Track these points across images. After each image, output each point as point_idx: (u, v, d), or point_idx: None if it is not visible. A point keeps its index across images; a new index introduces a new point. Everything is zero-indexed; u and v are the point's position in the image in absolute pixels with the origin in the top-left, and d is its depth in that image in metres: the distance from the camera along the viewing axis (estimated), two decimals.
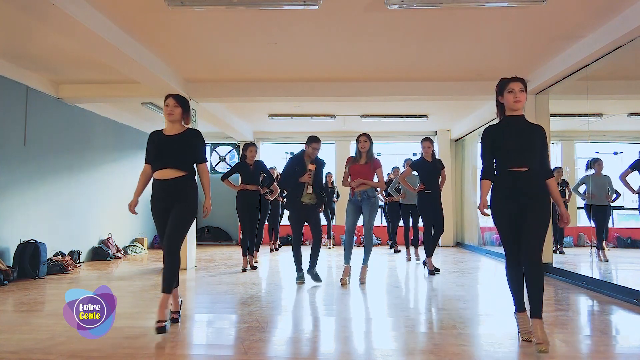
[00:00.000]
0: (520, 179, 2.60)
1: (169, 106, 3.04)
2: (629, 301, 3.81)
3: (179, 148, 3.01)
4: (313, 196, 4.76)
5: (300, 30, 4.35)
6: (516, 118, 2.70)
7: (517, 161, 2.61)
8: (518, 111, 2.68)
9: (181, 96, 3.13)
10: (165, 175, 2.97)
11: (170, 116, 3.04)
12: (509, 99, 2.66)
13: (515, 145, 2.62)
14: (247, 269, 5.55)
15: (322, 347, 2.66)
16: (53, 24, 3.66)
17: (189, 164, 3.06)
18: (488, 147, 2.73)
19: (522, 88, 2.65)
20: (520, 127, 2.67)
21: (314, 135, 4.79)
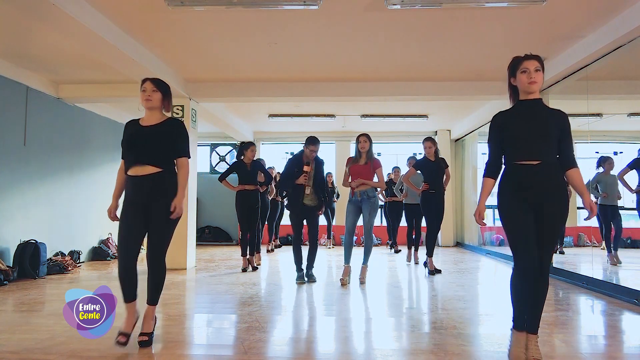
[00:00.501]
0: (530, 174, 2.22)
1: (147, 91, 2.65)
2: (629, 301, 3.81)
3: (155, 140, 2.59)
4: (313, 197, 4.77)
5: (300, 30, 4.35)
6: (532, 102, 2.29)
7: (527, 152, 2.23)
8: (534, 94, 2.28)
9: (161, 80, 2.75)
10: (139, 171, 2.56)
11: (147, 102, 2.64)
12: (522, 80, 2.27)
13: (525, 133, 2.24)
14: (247, 269, 5.54)
15: (322, 347, 2.66)
16: (53, 24, 3.66)
17: (167, 159, 2.64)
18: (495, 137, 2.34)
19: (538, 67, 2.25)
20: (535, 113, 2.27)
21: (313, 137, 4.80)
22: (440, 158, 5.61)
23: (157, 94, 2.66)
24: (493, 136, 2.36)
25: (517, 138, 2.26)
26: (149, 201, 2.56)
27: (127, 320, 2.54)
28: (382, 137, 9.70)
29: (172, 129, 2.66)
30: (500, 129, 2.32)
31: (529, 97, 2.30)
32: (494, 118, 2.38)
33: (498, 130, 2.33)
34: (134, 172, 2.57)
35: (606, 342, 2.86)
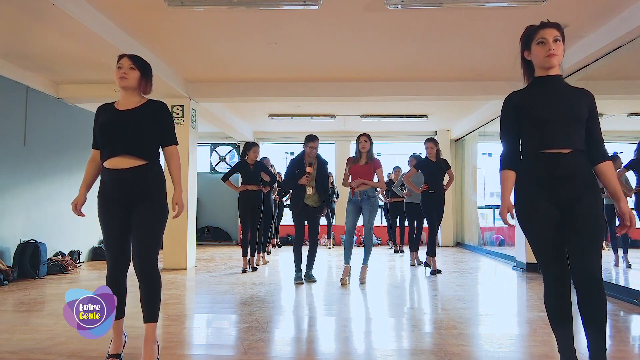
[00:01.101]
0: (560, 165, 1.81)
1: (123, 67, 2.27)
2: (629, 301, 3.81)
3: (135, 127, 2.21)
4: (316, 198, 4.79)
5: (300, 30, 4.35)
6: (551, 79, 1.91)
7: (555, 139, 1.82)
8: (553, 69, 1.90)
9: (140, 57, 2.37)
10: (117, 164, 2.19)
11: (122, 80, 2.25)
12: (539, 53, 1.88)
13: (551, 115, 1.83)
14: (247, 270, 5.54)
15: (322, 347, 2.66)
16: (53, 24, 3.66)
17: (151, 148, 2.27)
18: (510, 121, 1.94)
19: (558, 36, 1.87)
20: (558, 91, 1.89)
21: (310, 134, 4.82)
22: (442, 159, 5.61)
23: (134, 72, 2.29)
24: (508, 120, 1.96)
25: (543, 121, 1.84)
26: (131, 200, 2.22)
27: (115, 341, 2.30)
28: (382, 137, 9.70)
29: (155, 112, 2.29)
30: (517, 111, 1.91)
31: (548, 74, 1.91)
32: (507, 99, 1.98)
33: (515, 112, 1.93)
34: (112, 165, 2.20)
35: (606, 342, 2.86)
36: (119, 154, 2.19)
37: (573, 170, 1.82)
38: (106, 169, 2.23)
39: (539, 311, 3.54)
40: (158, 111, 2.31)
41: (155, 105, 2.32)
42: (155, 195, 2.26)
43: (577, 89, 1.93)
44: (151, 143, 2.27)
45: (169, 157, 2.37)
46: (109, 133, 2.22)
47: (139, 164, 2.22)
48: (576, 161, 1.82)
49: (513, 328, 3.18)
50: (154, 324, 2.26)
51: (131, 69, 2.28)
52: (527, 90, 1.96)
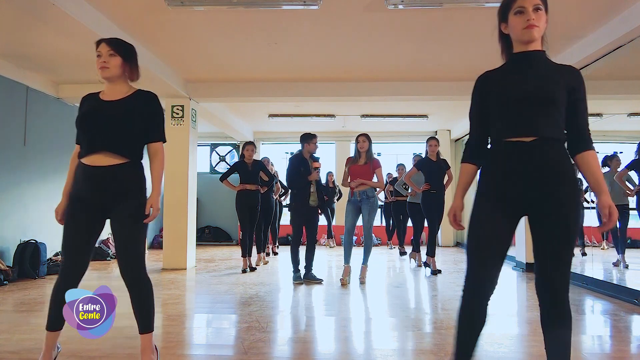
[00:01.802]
0: (521, 157, 1.53)
1: (102, 55, 2.02)
2: (629, 301, 3.81)
3: (119, 120, 1.99)
4: (315, 197, 4.81)
5: (300, 30, 4.35)
6: (530, 55, 1.61)
7: (518, 124, 1.55)
8: (533, 44, 1.60)
9: (120, 40, 2.11)
10: (96, 161, 1.97)
11: (103, 71, 2.02)
12: (516, 24, 1.60)
13: (517, 96, 1.55)
14: (247, 270, 5.54)
15: (322, 347, 2.66)
16: (53, 24, 3.66)
17: (136, 145, 2.05)
18: (477, 105, 1.69)
19: (539, 5, 1.57)
20: (535, 68, 1.59)
21: (307, 133, 4.85)
22: (442, 159, 5.62)
23: (115, 58, 2.04)
24: (475, 103, 1.70)
25: (505, 103, 1.57)
26: (108, 202, 1.99)
27: (45, 354, 2.04)
28: (382, 137, 9.70)
29: (143, 104, 2.06)
30: (486, 92, 1.65)
31: (527, 49, 1.61)
32: (478, 78, 1.73)
33: (482, 94, 1.66)
34: (90, 161, 1.98)
35: (606, 342, 2.86)
36: (99, 150, 1.97)
37: (537, 163, 1.52)
38: (83, 165, 2.00)
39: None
40: (148, 103, 2.09)
41: (145, 96, 2.10)
42: (135, 197, 2.02)
43: (561, 66, 1.63)
44: (137, 139, 2.05)
45: (153, 154, 2.12)
46: (90, 125, 2.00)
47: (120, 162, 1.99)
48: (542, 151, 1.52)
49: (513, 328, 3.18)
50: (150, 333, 2.08)
51: (111, 55, 2.03)
52: (501, 68, 1.68)
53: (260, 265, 6.16)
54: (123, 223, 2.00)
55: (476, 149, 1.71)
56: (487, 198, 1.61)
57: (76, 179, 2.03)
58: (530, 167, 1.53)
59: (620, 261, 5.35)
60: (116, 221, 2.01)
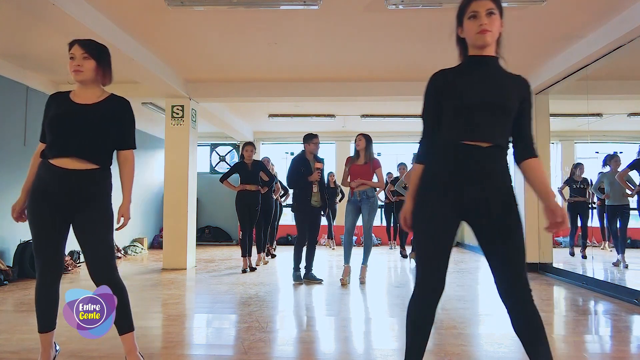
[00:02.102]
0: (477, 161, 1.56)
1: (75, 58, 1.98)
2: (629, 301, 3.81)
3: (92, 126, 1.96)
4: (318, 197, 4.81)
5: (300, 30, 4.35)
6: (484, 60, 1.64)
7: (476, 129, 1.56)
8: (487, 49, 1.63)
9: (94, 41, 2.06)
10: (66, 164, 1.94)
11: (77, 74, 1.98)
12: (470, 29, 1.61)
13: (476, 100, 1.57)
14: (247, 270, 5.55)
15: (322, 347, 2.66)
16: (53, 24, 3.66)
17: (107, 151, 2.04)
18: (430, 104, 1.68)
19: (492, 9, 1.59)
20: (490, 74, 1.63)
21: (309, 133, 4.84)
22: None
23: (89, 62, 1.99)
24: (428, 103, 1.68)
25: (463, 107, 1.58)
26: (74, 206, 1.96)
27: (43, 355, 2.07)
28: (382, 137, 9.70)
29: (116, 111, 2.03)
30: (440, 91, 1.64)
31: (481, 53, 1.63)
32: (431, 77, 1.69)
33: (436, 93, 1.65)
34: (60, 163, 1.94)
35: (606, 341, 2.86)
36: (71, 154, 1.93)
37: (487, 169, 1.56)
38: (51, 165, 1.95)
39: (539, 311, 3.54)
40: (121, 110, 2.05)
41: (118, 103, 2.06)
42: (102, 201, 2.01)
43: (513, 75, 1.67)
44: (109, 146, 2.04)
45: (123, 161, 2.11)
46: (63, 128, 1.95)
47: (91, 168, 1.97)
48: (494, 158, 1.57)
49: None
50: (131, 333, 2.07)
51: (85, 58, 1.99)
52: (456, 69, 1.68)
53: (260, 265, 6.16)
54: (91, 228, 1.97)
55: (428, 149, 1.69)
56: (437, 197, 1.61)
57: (41, 178, 1.98)
58: (484, 171, 1.56)
59: (620, 261, 5.36)
60: (82, 226, 1.98)
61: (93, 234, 1.97)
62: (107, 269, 1.99)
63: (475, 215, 1.60)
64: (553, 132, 6.03)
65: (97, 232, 1.97)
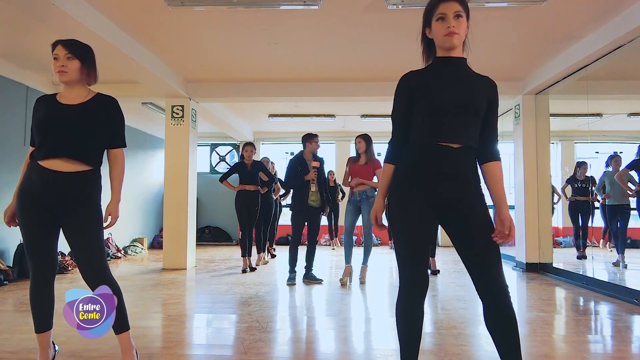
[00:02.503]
0: (445, 160, 1.60)
1: (59, 59, 1.99)
2: (629, 301, 3.81)
3: (79, 125, 1.95)
4: (317, 197, 4.80)
5: (300, 30, 4.35)
6: (453, 62, 1.67)
7: (444, 130, 1.60)
8: (455, 50, 1.67)
9: (77, 42, 2.06)
10: (56, 166, 1.93)
11: (61, 75, 1.99)
12: (437, 30, 1.65)
13: (443, 103, 1.60)
14: (247, 270, 5.54)
15: (322, 347, 2.66)
16: (53, 24, 3.66)
17: (97, 151, 2.03)
18: (400, 105, 1.71)
19: (460, 11, 1.66)
20: (459, 75, 1.66)
21: (309, 132, 4.85)
22: None
23: (73, 62, 2.00)
24: (398, 103, 1.71)
25: (434, 108, 1.61)
26: (64, 207, 1.95)
27: (42, 355, 2.07)
28: (382, 137, 9.67)
29: (103, 110, 2.02)
30: (411, 93, 1.67)
31: (449, 55, 1.67)
32: (402, 79, 1.73)
33: (408, 94, 1.68)
34: (49, 165, 1.94)
35: (607, 342, 2.86)
36: (60, 155, 1.93)
37: (459, 169, 1.60)
38: (40, 167, 1.94)
39: (539, 311, 3.54)
40: (108, 108, 2.03)
41: (105, 101, 2.04)
42: (93, 202, 2.01)
43: (481, 76, 1.69)
44: (98, 146, 2.02)
45: (113, 160, 2.09)
46: (49, 130, 1.95)
47: (81, 170, 1.96)
48: (465, 159, 1.61)
49: None
50: (126, 332, 2.07)
51: (69, 59, 1.99)
52: (425, 70, 1.72)
53: (260, 265, 6.16)
54: (81, 230, 1.97)
55: (398, 149, 1.72)
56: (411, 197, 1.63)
57: (30, 180, 1.98)
58: (455, 172, 1.60)
59: (620, 261, 5.36)
60: (72, 228, 1.98)
61: (83, 235, 1.97)
62: (99, 270, 1.99)
63: (448, 215, 1.63)
64: (553, 132, 6.04)
65: (87, 233, 1.97)
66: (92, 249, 1.98)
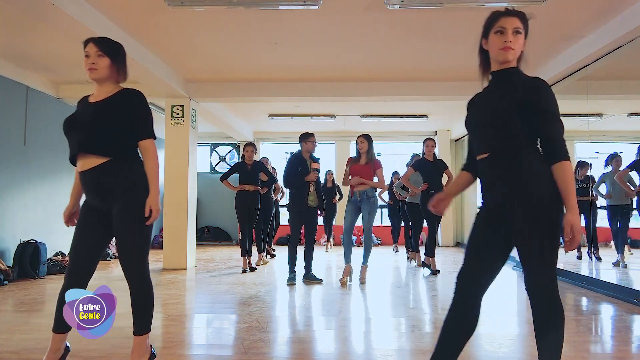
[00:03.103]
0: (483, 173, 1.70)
1: (90, 56, 2.01)
2: (629, 301, 3.81)
3: (99, 120, 1.96)
4: (315, 197, 4.80)
5: (300, 30, 4.35)
6: (502, 74, 1.69)
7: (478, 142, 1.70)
8: (509, 63, 1.68)
9: (108, 39, 2.08)
10: (82, 165, 1.97)
11: (92, 72, 2.00)
12: (494, 43, 1.66)
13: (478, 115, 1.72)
14: (247, 270, 5.54)
15: (322, 347, 2.66)
16: (53, 24, 3.66)
17: (119, 143, 1.99)
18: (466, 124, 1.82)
19: (519, 28, 1.66)
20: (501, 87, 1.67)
21: (306, 132, 4.86)
22: (439, 159, 5.62)
23: (103, 59, 2.00)
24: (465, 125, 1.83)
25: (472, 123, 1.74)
26: (104, 204, 1.99)
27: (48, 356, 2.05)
28: (382, 137, 9.70)
29: (125, 102, 2.01)
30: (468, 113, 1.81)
31: (501, 67, 1.69)
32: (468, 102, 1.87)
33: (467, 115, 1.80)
34: (79, 167, 1.99)
35: (606, 342, 2.86)
36: (80, 152, 1.96)
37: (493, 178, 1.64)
38: (78, 173, 2.02)
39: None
40: (130, 100, 2.02)
41: (128, 95, 2.04)
42: (129, 195, 1.97)
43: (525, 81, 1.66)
44: (117, 137, 1.98)
45: (143, 152, 2.05)
46: (69, 131, 2.01)
47: (101, 162, 1.95)
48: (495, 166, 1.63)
49: (513, 328, 3.18)
50: (142, 337, 2.04)
51: (99, 56, 2.01)
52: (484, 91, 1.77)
53: (260, 265, 6.16)
54: (119, 224, 1.98)
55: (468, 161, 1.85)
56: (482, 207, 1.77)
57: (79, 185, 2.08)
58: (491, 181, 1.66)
59: (620, 261, 5.35)
60: (114, 222, 1.99)
61: (120, 231, 1.98)
62: (132, 267, 1.99)
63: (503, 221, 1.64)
64: None
65: (123, 228, 1.97)
66: (125, 243, 1.98)
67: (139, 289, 2.02)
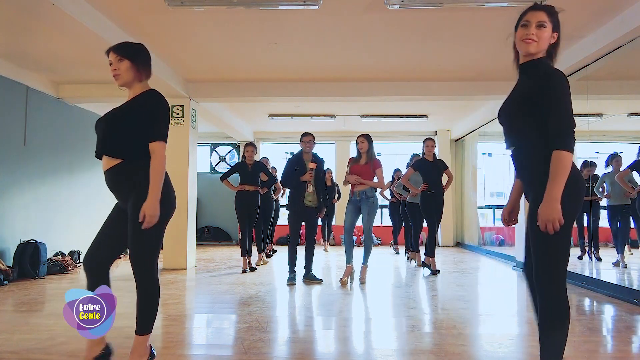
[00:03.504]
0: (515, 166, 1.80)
1: (113, 63, 2.10)
2: (629, 301, 3.81)
3: (114, 122, 2.04)
4: (314, 197, 4.79)
5: (300, 30, 4.35)
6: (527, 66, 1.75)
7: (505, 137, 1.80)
8: (533, 55, 1.73)
9: (126, 43, 2.15)
10: (104, 165, 2.06)
11: (117, 79, 2.10)
12: (518, 36, 1.75)
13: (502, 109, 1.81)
14: (247, 270, 5.54)
15: (322, 347, 2.66)
16: (53, 24, 3.67)
17: (129, 144, 2.02)
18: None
19: (543, 22, 1.74)
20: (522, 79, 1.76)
21: (304, 132, 4.87)
22: (439, 160, 5.62)
23: (123, 63, 2.07)
24: None
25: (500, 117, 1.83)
26: (123, 203, 2.07)
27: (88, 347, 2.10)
28: (382, 137, 9.70)
29: (143, 103, 2.04)
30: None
31: (525, 60, 1.75)
32: None
33: None
34: (103, 166, 2.09)
35: (607, 341, 2.86)
36: (99, 155, 2.06)
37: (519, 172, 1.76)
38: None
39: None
40: (146, 101, 2.04)
41: (147, 95, 2.07)
42: (134, 195, 2.00)
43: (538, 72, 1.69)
44: (128, 138, 2.02)
45: (150, 155, 2.06)
46: (95, 130, 2.11)
47: (115, 163, 2.02)
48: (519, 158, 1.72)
49: (513, 328, 3.18)
50: (143, 337, 2.05)
51: (119, 60, 2.08)
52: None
53: (260, 265, 6.16)
54: (128, 222, 2.03)
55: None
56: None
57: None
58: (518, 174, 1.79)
59: (620, 261, 5.35)
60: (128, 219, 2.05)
61: (128, 227, 2.02)
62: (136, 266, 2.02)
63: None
64: None
65: (129, 225, 2.01)
66: (131, 243, 2.02)
67: (143, 288, 2.04)
